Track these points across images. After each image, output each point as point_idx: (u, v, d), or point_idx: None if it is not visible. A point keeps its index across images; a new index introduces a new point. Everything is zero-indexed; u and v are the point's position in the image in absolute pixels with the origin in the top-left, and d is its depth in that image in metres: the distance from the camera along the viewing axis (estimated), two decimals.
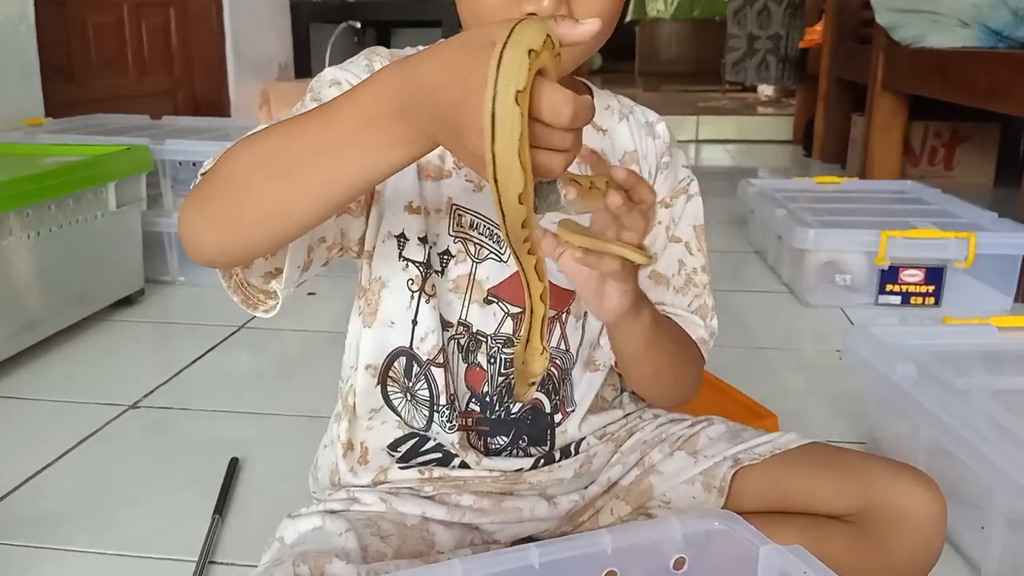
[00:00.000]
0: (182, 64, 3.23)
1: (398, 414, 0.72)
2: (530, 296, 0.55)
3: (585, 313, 0.73)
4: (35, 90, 2.23)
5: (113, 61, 2.84)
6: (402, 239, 0.69)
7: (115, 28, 2.85)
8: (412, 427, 0.72)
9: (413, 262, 0.69)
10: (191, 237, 0.58)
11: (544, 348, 0.57)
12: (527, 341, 0.57)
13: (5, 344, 1.36)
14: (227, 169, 0.56)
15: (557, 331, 0.72)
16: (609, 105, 0.76)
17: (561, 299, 0.71)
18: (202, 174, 0.58)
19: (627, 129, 0.75)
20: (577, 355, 0.73)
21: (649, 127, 0.77)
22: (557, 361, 0.73)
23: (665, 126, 0.78)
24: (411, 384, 0.71)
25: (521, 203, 0.46)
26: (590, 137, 0.73)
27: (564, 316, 0.72)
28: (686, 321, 0.75)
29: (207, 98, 3.30)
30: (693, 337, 0.75)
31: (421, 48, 0.71)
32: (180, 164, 1.81)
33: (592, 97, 0.75)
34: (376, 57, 0.69)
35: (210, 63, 3.29)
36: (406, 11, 4.17)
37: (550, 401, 0.73)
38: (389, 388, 0.72)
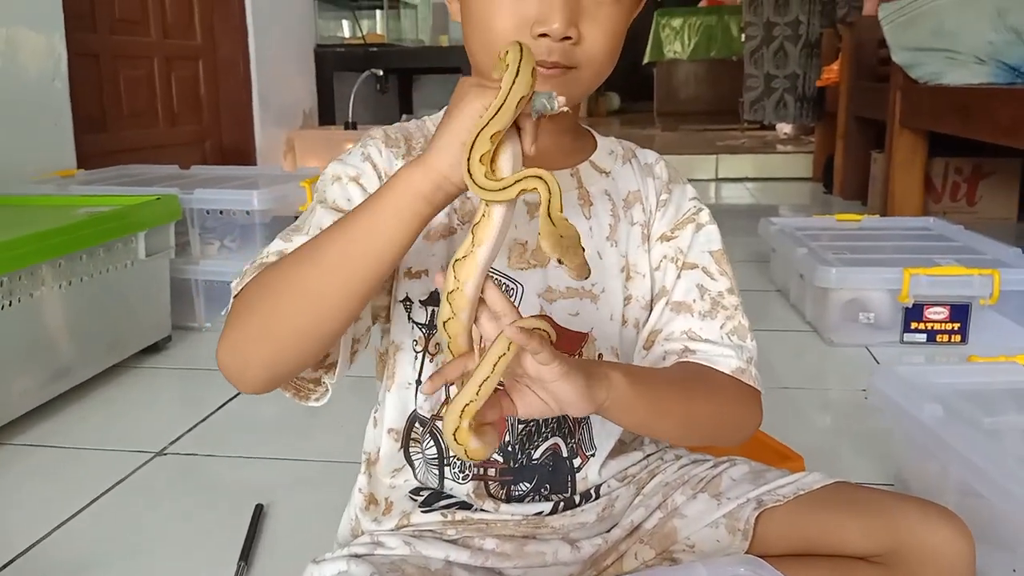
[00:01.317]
0: (210, 114, 3.31)
1: (416, 476, 0.74)
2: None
3: (600, 355, 0.73)
4: (68, 142, 2.30)
5: (144, 112, 2.92)
6: (407, 303, 0.71)
7: (146, 80, 2.94)
8: (428, 487, 0.73)
9: (417, 324, 0.71)
10: (233, 362, 0.60)
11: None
12: (548, 209, 0.54)
13: (37, 393, 1.39)
14: (256, 288, 0.60)
15: None
16: (612, 150, 0.78)
17: (573, 342, 0.72)
18: (234, 297, 0.63)
19: (630, 171, 0.77)
20: None
21: (648, 168, 0.78)
22: None
23: (663, 166, 0.79)
24: (424, 445, 0.72)
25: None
26: (595, 180, 0.75)
27: (578, 356, 0.72)
28: (711, 355, 0.71)
29: (234, 146, 3.38)
30: (726, 370, 0.71)
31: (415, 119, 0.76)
32: (208, 212, 1.85)
33: (596, 145, 0.77)
34: (371, 140, 0.72)
35: (237, 112, 3.37)
36: (427, 59, 4.26)
37: (567, 445, 0.73)
38: (411, 450, 0.73)
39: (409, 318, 0.71)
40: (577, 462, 0.73)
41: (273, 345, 0.59)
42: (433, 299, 0.70)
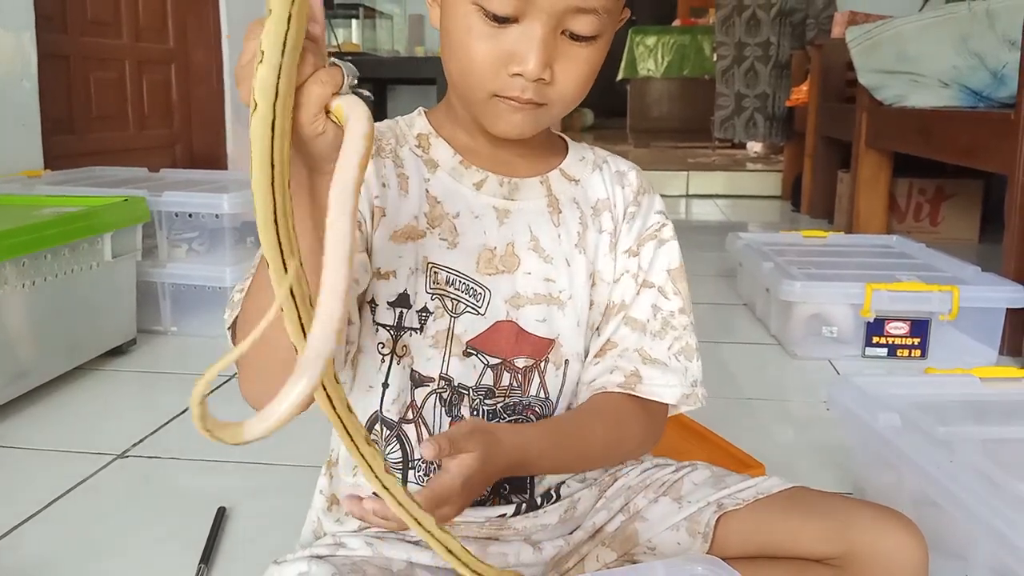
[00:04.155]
0: (181, 119, 3.29)
1: None
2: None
3: (566, 361, 0.74)
4: (35, 142, 2.27)
5: (114, 115, 2.90)
6: (372, 304, 0.71)
7: (117, 83, 2.91)
8: None
9: (383, 326, 0.71)
10: (255, 401, 0.63)
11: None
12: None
13: None
14: (237, 336, 0.64)
15: (536, 379, 0.73)
16: (584, 157, 0.78)
17: (539, 348, 0.73)
18: (227, 330, 0.66)
19: (600, 179, 0.78)
20: (557, 403, 0.74)
21: (620, 176, 0.79)
22: (536, 409, 0.74)
23: (636, 175, 0.79)
24: (388, 448, 0.72)
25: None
26: (564, 187, 0.76)
27: (543, 364, 0.73)
28: (655, 387, 0.73)
29: (205, 151, 3.35)
30: (670, 400, 0.73)
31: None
32: (176, 215, 1.84)
33: (567, 152, 0.78)
34: None
35: (209, 118, 3.35)
36: (402, 69, 4.26)
37: None
38: None
39: (374, 320, 0.71)
40: None
41: (273, 378, 0.61)
42: (400, 301, 0.71)
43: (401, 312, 0.71)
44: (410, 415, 0.71)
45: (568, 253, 0.74)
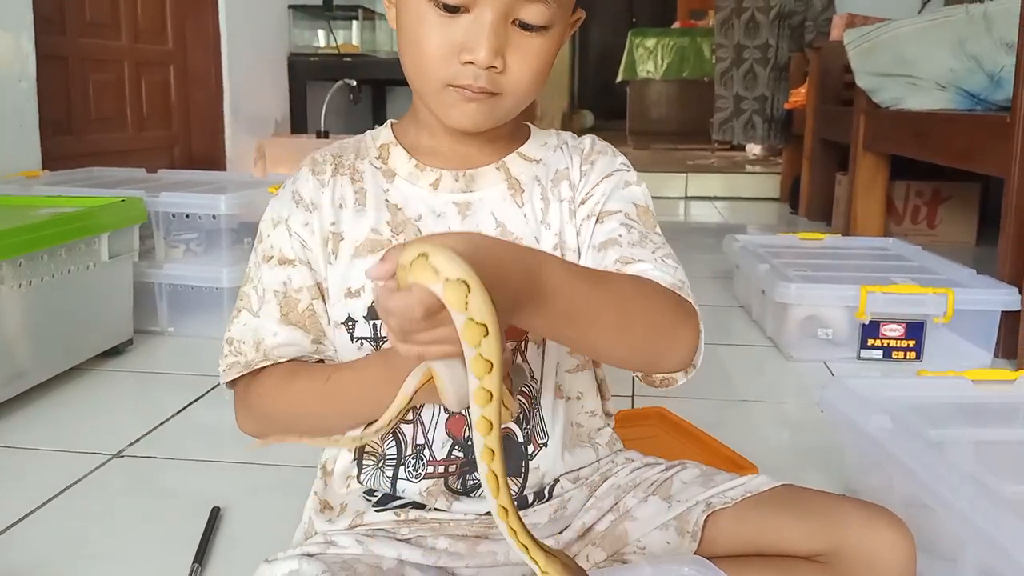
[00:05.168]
0: (180, 120, 3.29)
1: (360, 480, 0.75)
2: None
3: (544, 339, 0.74)
4: (33, 143, 2.27)
5: (112, 116, 2.90)
6: (349, 323, 0.72)
7: (115, 85, 2.92)
8: (378, 491, 0.74)
9: (364, 339, 0.72)
10: (256, 434, 0.75)
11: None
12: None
13: None
14: (272, 408, 0.73)
15: (518, 360, 0.74)
16: (546, 142, 0.79)
17: (517, 329, 0.73)
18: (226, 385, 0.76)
19: (561, 155, 0.78)
20: (542, 382, 0.75)
21: (577, 147, 0.79)
22: (524, 389, 0.74)
23: (592, 141, 0.79)
24: (383, 448, 0.73)
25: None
26: (524, 168, 0.76)
27: (523, 344, 0.74)
28: (646, 271, 0.68)
29: (203, 153, 3.35)
30: (662, 282, 0.67)
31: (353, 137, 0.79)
32: (174, 216, 1.84)
33: (529, 136, 0.78)
34: (299, 174, 0.76)
35: (208, 119, 3.35)
36: (401, 71, 4.26)
37: (521, 430, 0.74)
38: (364, 462, 0.74)
39: (353, 337, 0.72)
40: (531, 449, 0.74)
41: (292, 438, 0.71)
42: (374, 312, 0.71)
43: (376, 323, 0.71)
44: (410, 415, 0.72)
45: (535, 231, 0.74)
